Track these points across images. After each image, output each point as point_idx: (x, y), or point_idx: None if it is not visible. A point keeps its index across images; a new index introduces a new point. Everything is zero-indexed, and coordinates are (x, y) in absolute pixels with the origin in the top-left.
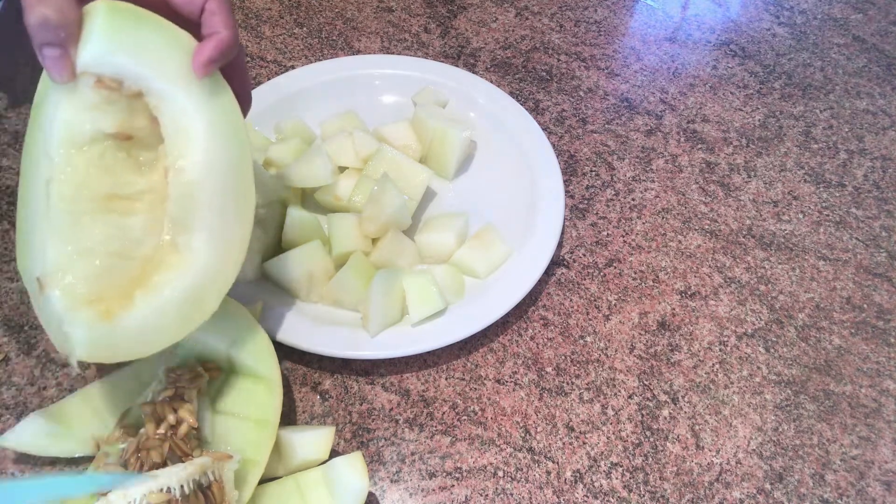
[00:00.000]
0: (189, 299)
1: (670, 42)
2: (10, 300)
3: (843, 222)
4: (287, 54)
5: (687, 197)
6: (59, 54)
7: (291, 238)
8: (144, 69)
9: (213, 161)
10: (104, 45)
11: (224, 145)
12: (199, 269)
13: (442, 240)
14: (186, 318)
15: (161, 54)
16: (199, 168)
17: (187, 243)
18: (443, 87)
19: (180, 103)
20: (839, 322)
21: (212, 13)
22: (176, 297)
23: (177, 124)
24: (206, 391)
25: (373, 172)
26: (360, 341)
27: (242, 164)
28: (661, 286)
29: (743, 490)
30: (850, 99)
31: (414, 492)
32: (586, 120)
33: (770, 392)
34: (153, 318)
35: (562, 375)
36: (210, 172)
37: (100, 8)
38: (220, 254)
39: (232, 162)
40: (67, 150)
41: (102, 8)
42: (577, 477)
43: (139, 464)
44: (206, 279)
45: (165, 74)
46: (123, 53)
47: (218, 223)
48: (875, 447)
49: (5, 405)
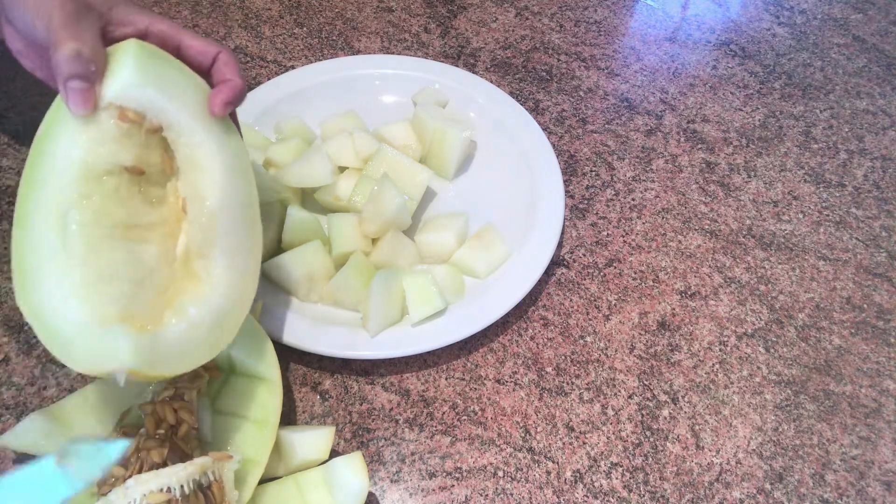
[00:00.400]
0: (216, 322)
1: (670, 42)
2: (10, 300)
3: (843, 222)
4: (287, 54)
5: (687, 197)
6: (86, 87)
7: (291, 238)
8: (169, 104)
9: (228, 195)
10: (135, 78)
11: (237, 181)
12: (222, 293)
13: (442, 240)
14: (216, 338)
15: (184, 92)
16: (217, 200)
17: (207, 270)
18: (443, 87)
19: (199, 138)
20: (839, 322)
21: (225, 63)
22: (203, 317)
23: (194, 158)
24: (206, 391)
25: (373, 172)
26: (360, 341)
27: (252, 201)
28: (661, 286)
29: (743, 490)
30: (850, 99)
31: (414, 492)
32: (586, 120)
33: (770, 392)
34: (188, 333)
35: (562, 375)
36: (226, 205)
37: (131, 45)
38: (237, 281)
39: (243, 198)
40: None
41: (133, 46)
42: (577, 477)
43: (139, 464)
44: (228, 303)
45: (187, 110)
46: (152, 87)
47: (235, 253)
48: (875, 447)
49: (5, 405)
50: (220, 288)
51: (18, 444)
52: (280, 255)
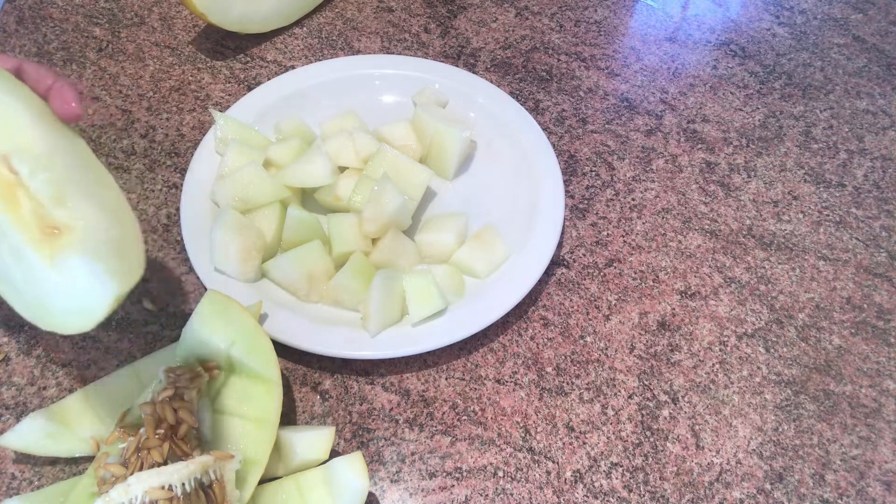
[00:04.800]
0: (116, 254)
1: (670, 42)
2: None
3: (843, 222)
4: (287, 54)
5: (687, 197)
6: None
7: (291, 238)
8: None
9: (49, 141)
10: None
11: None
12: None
13: (442, 240)
14: (125, 268)
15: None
16: (43, 144)
17: (73, 215)
18: (443, 87)
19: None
20: (839, 322)
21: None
22: (98, 247)
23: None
24: (206, 391)
25: (373, 172)
26: (360, 341)
27: (76, 141)
28: (661, 286)
29: (743, 490)
30: (850, 99)
31: (414, 492)
32: (586, 120)
33: (770, 392)
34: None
35: (562, 375)
36: (55, 147)
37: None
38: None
39: (68, 138)
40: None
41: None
42: (577, 477)
43: (139, 463)
44: (115, 232)
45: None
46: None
47: (92, 192)
48: (875, 447)
49: (5, 405)
50: (100, 220)
51: (18, 444)
52: (280, 255)
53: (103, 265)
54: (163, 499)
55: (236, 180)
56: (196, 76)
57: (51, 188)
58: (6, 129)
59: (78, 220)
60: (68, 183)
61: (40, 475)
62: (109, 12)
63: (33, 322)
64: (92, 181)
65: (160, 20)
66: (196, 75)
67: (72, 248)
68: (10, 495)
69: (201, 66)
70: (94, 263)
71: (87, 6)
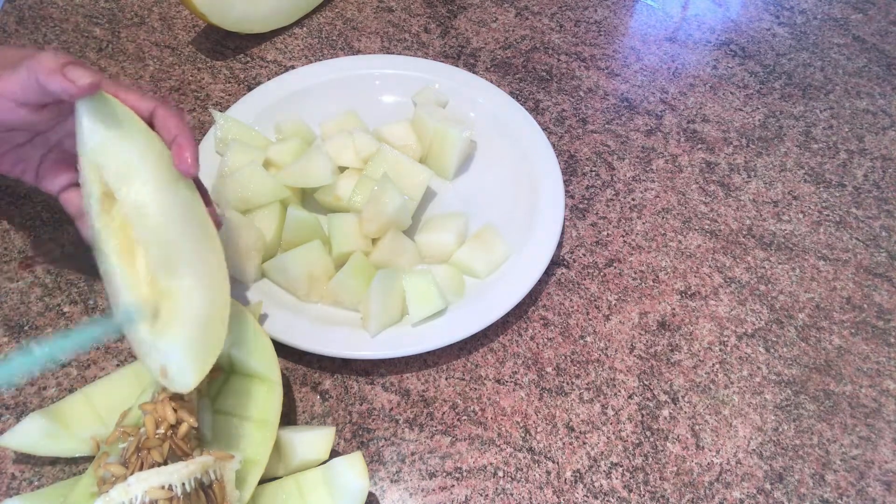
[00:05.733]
0: (203, 332)
1: (670, 42)
2: (10, 300)
3: (843, 222)
4: (287, 54)
5: (687, 197)
6: (81, 62)
7: (291, 238)
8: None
9: (166, 202)
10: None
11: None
12: (199, 304)
13: (442, 240)
14: (207, 344)
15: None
16: (157, 210)
17: (178, 285)
18: (443, 87)
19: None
20: (839, 322)
21: (164, 117)
22: (190, 332)
23: (120, 174)
24: (206, 391)
25: (373, 172)
26: (360, 341)
27: (193, 199)
28: (661, 286)
29: (743, 490)
30: (850, 99)
31: (414, 492)
32: (586, 120)
33: (770, 392)
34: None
35: (562, 375)
36: (168, 213)
37: None
38: (210, 284)
39: (183, 199)
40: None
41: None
42: (577, 477)
43: (139, 463)
44: (208, 310)
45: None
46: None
47: (197, 259)
48: (875, 447)
49: (5, 405)
50: (196, 299)
51: (18, 444)
52: (280, 255)
53: (190, 356)
54: (163, 499)
55: (236, 180)
56: (196, 76)
57: (161, 252)
58: (131, 186)
59: (178, 293)
60: (177, 250)
61: (40, 475)
62: (109, 12)
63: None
64: (198, 246)
65: (160, 20)
66: (196, 75)
67: (167, 326)
68: (10, 495)
69: (201, 66)
70: (182, 353)
71: (87, 6)
